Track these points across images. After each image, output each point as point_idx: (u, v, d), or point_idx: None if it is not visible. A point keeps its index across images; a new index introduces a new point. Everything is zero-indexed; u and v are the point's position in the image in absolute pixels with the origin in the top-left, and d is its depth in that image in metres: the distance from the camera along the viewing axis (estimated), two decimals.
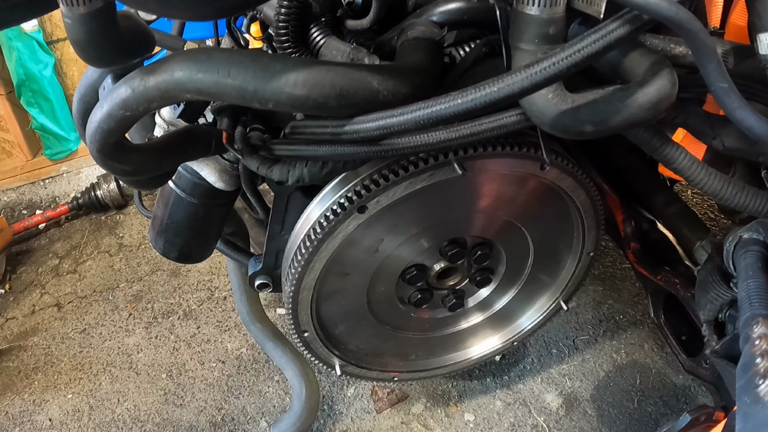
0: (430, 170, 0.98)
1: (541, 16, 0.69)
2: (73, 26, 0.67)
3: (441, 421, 1.57)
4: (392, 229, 1.09)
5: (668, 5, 0.58)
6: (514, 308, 1.41)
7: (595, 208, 1.21)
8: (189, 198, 1.16)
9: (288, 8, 0.89)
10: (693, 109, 0.87)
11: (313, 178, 0.99)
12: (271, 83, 0.73)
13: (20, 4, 0.72)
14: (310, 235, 1.04)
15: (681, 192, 2.12)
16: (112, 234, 2.26)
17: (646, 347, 1.71)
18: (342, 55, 0.93)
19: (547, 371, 1.67)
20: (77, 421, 1.62)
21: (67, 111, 2.48)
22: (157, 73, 0.74)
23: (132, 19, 0.77)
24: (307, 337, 1.20)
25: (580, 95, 0.73)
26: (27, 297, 2.00)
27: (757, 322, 0.73)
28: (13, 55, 2.28)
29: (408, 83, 0.81)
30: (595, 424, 1.54)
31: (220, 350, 1.78)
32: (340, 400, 1.63)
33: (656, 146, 0.83)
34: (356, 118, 0.81)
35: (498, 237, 1.23)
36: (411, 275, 1.20)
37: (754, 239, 0.88)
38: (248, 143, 0.98)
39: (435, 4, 0.95)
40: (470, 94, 0.71)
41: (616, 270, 1.95)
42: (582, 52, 0.64)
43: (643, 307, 1.81)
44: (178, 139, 0.96)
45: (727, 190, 0.83)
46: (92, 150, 0.83)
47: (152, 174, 0.99)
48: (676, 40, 0.82)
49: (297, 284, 1.09)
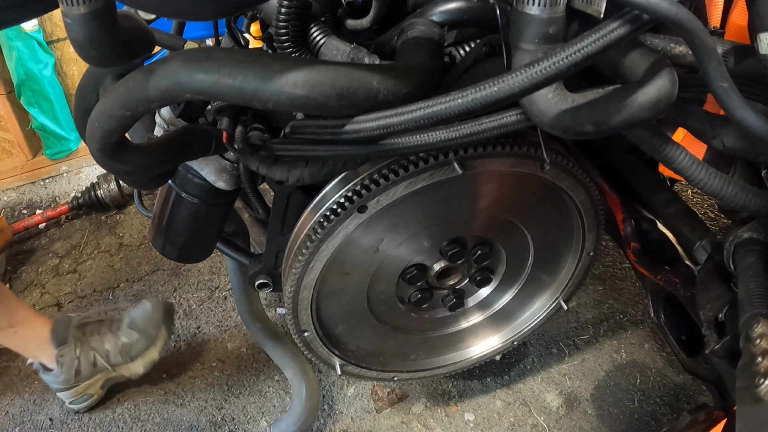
0: (430, 170, 0.98)
1: (541, 15, 0.69)
2: (73, 26, 0.67)
3: (441, 420, 1.57)
4: (392, 228, 1.09)
5: (668, 5, 0.58)
6: (514, 308, 1.41)
7: (595, 207, 1.21)
8: (189, 197, 1.16)
9: (288, 8, 0.89)
10: (693, 108, 0.87)
11: (313, 178, 0.99)
12: (271, 83, 0.73)
13: (20, 4, 0.72)
14: (310, 235, 1.04)
15: (681, 192, 2.12)
16: (112, 234, 2.25)
17: (646, 347, 1.71)
18: (342, 55, 0.93)
19: (547, 371, 1.67)
20: (78, 421, 1.62)
21: (67, 111, 2.48)
22: (157, 73, 0.74)
23: (132, 19, 0.77)
24: (307, 337, 1.20)
25: (580, 95, 0.73)
26: (27, 297, 2.00)
27: (758, 321, 0.73)
28: (13, 54, 2.28)
29: (408, 83, 0.81)
30: (595, 423, 1.54)
31: (220, 350, 1.78)
32: (340, 399, 1.63)
33: (656, 146, 0.83)
34: (356, 117, 0.81)
35: (498, 236, 1.23)
36: (411, 275, 1.20)
37: (754, 239, 0.88)
38: (248, 143, 0.98)
39: (435, 4, 0.95)
40: (470, 94, 0.71)
41: (617, 270, 1.95)
42: (582, 52, 0.64)
43: (643, 307, 1.81)
44: (178, 139, 0.96)
45: (727, 190, 0.83)
46: (92, 150, 0.83)
47: (152, 174, 0.99)
48: (676, 39, 0.82)
49: (297, 284, 1.09)
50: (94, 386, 1.60)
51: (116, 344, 1.58)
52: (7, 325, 1.50)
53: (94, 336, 1.59)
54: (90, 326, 1.61)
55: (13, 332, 1.51)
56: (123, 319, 1.63)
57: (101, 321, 1.63)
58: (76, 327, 1.58)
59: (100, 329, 1.60)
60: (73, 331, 1.57)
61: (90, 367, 1.57)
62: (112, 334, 1.59)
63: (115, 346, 1.58)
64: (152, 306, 1.63)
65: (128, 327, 1.60)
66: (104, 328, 1.61)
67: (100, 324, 1.62)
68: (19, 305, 1.56)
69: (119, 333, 1.59)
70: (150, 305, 1.63)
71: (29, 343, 1.56)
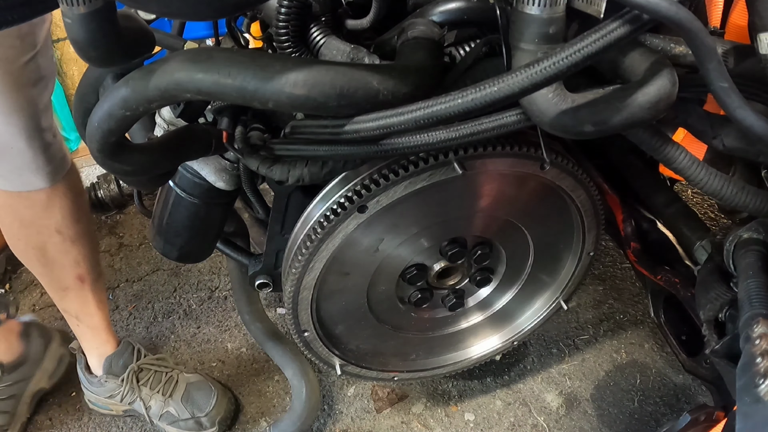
0: (430, 170, 0.98)
1: (541, 15, 0.69)
2: (73, 26, 0.67)
3: (441, 420, 1.57)
4: (392, 228, 1.09)
5: (668, 5, 0.58)
6: (514, 308, 1.41)
7: (595, 207, 1.21)
8: (189, 197, 1.16)
9: (288, 8, 0.89)
10: (693, 108, 0.87)
11: (313, 178, 0.99)
12: (271, 83, 0.73)
13: (20, 4, 0.71)
14: (310, 235, 1.04)
15: (681, 192, 2.12)
16: (112, 234, 2.25)
17: (646, 347, 1.71)
18: (342, 55, 0.93)
19: (547, 371, 1.67)
20: (77, 420, 1.62)
21: (67, 111, 2.48)
22: (157, 73, 0.74)
23: (132, 19, 0.77)
24: (307, 337, 1.20)
25: (580, 95, 0.73)
26: (27, 297, 2.00)
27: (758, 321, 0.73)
28: None
29: (408, 83, 0.81)
30: (595, 423, 1.54)
31: (220, 350, 1.78)
32: (340, 399, 1.63)
33: (656, 146, 0.83)
34: (356, 117, 0.81)
35: (498, 236, 1.23)
36: (411, 275, 1.20)
37: (754, 239, 0.88)
38: (248, 143, 0.98)
39: (435, 4, 0.95)
40: (470, 94, 0.71)
41: (617, 270, 1.95)
42: (582, 52, 0.64)
43: (643, 307, 1.81)
44: (178, 139, 0.96)
45: (727, 190, 0.83)
46: (92, 150, 0.83)
47: (152, 174, 0.99)
48: (676, 39, 0.82)
49: (297, 284, 1.09)
50: (119, 408, 1.58)
51: (161, 409, 1.53)
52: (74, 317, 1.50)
53: (146, 388, 1.53)
54: (146, 374, 1.55)
55: (76, 323, 1.51)
56: (181, 388, 1.55)
57: (160, 373, 1.57)
58: (134, 370, 1.54)
59: (154, 384, 1.54)
60: (129, 373, 1.53)
61: (125, 405, 1.55)
62: (162, 396, 1.53)
63: (160, 410, 1.53)
64: (218, 396, 1.55)
65: (182, 400, 1.54)
66: (159, 385, 1.54)
67: (158, 377, 1.56)
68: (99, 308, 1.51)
69: (170, 401, 1.53)
70: (218, 394, 1.56)
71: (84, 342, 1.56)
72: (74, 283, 1.45)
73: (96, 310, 1.51)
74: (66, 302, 1.49)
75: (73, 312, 1.50)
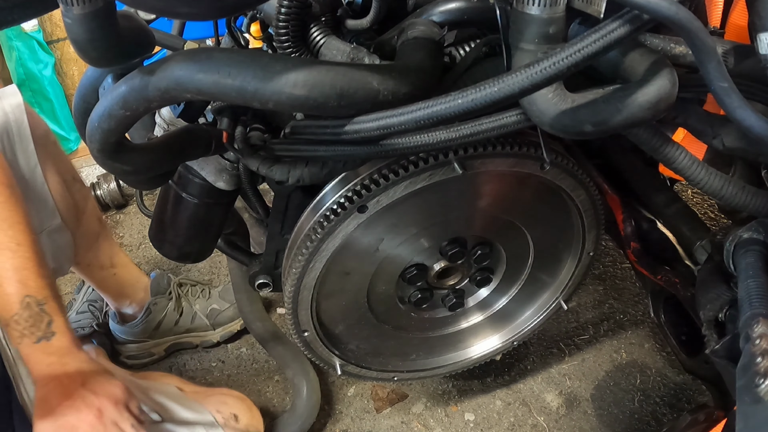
0: (430, 170, 0.98)
1: (541, 15, 0.69)
2: (72, 26, 0.67)
3: (441, 420, 1.57)
4: (392, 228, 1.09)
5: (668, 5, 0.58)
6: (514, 308, 1.41)
7: (595, 207, 1.21)
8: (189, 197, 1.16)
9: (288, 8, 0.89)
10: (693, 108, 0.87)
11: (313, 178, 0.99)
12: (271, 83, 0.73)
13: (20, 4, 0.72)
14: (310, 235, 1.04)
15: (681, 192, 2.12)
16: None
17: (646, 347, 1.71)
18: (342, 55, 0.93)
19: (547, 371, 1.67)
20: None
21: (67, 111, 2.48)
22: (157, 73, 0.74)
23: (132, 19, 0.77)
24: (308, 337, 1.20)
25: (580, 95, 0.73)
26: None
27: (758, 321, 0.73)
28: (13, 54, 2.28)
29: (408, 83, 0.81)
30: (595, 423, 1.54)
31: (220, 350, 1.78)
32: (340, 399, 1.63)
33: (656, 146, 0.83)
34: (356, 118, 0.81)
35: (498, 236, 1.23)
36: (411, 275, 1.20)
37: (754, 239, 0.88)
38: (248, 143, 0.98)
39: (435, 4, 0.95)
40: (470, 94, 0.71)
41: (617, 270, 1.95)
42: (582, 52, 0.64)
43: (643, 307, 1.81)
44: (178, 139, 0.96)
45: (727, 190, 0.83)
46: (92, 150, 0.83)
47: (152, 174, 0.99)
48: (676, 39, 0.82)
49: (297, 284, 1.09)
50: (161, 346, 1.69)
51: (206, 308, 1.71)
52: (110, 265, 1.59)
53: (188, 296, 1.72)
54: (187, 286, 1.75)
55: (113, 272, 1.60)
56: (215, 292, 1.76)
57: (196, 284, 1.78)
58: (177, 284, 1.73)
59: (194, 291, 1.75)
60: (174, 285, 1.71)
61: (171, 325, 1.68)
62: (203, 298, 1.73)
63: (204, 309, 1.71)
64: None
65: (219, 296, 1.73)
66: (198, 290, 1.75)
67: (195, 286, 1.77)
68: (120, 250, 1.66)
69: (210, 299, 1.73)
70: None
71: (125, 287, 1.65)
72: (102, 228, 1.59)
73: (119, 250, 1.66)
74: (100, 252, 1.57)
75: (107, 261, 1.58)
